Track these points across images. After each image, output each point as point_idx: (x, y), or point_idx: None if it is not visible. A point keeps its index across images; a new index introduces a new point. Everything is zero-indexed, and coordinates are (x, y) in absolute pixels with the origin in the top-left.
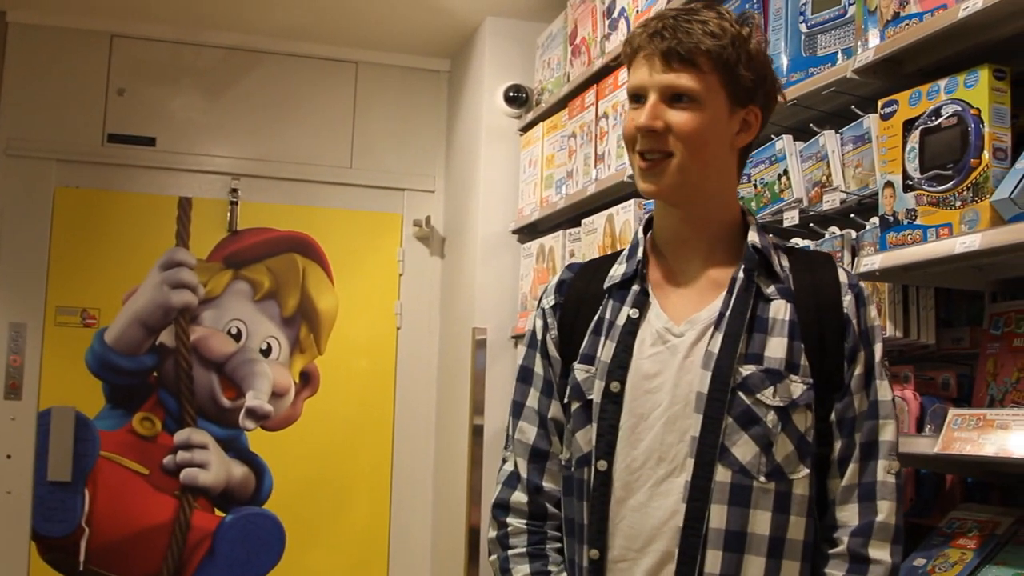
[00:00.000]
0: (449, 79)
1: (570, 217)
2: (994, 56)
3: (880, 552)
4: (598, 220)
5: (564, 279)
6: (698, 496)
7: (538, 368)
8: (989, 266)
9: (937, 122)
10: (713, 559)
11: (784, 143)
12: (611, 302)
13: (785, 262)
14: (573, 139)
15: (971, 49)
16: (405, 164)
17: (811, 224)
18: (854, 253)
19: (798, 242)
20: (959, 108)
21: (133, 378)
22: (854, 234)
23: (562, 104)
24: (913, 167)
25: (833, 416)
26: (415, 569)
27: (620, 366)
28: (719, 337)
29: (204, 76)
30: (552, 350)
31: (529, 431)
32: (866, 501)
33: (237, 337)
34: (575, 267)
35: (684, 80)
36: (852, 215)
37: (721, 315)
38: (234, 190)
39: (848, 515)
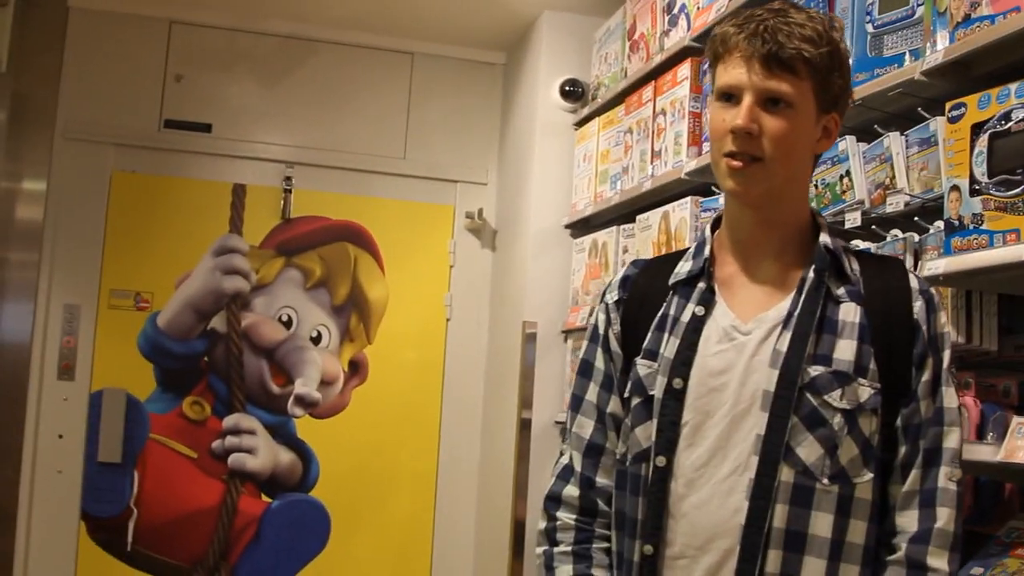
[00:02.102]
0: (504, 72)
1: (624, 213)
2: None
3: (938, 560)
4: (653, 217)
5: (628, 275)
6: (761, 495)
7: (598, 363)
8: None
9: (1007, 126)
10: (774, 558)
11: (847, 144)
12: (676, 298)
13: (856, 265)
14: (629, 135)
15: None
16: (458, 156)
17: (873, 226)
18: (916, 257)
19: (859, 244)
20: None
21: (184, 362)
22: (917, 237)
23: (619, 99)
24: (981, 171)
25: (899, 422)
26: (458, 560)
27: (684, 363)
28: (787, 336)
29: (261, 64)
30: (614, 345)
31: (586, 425)
32: (926, 507)
33: (288, 324)
34: (640, 263)
35: (783, 86)
36: (915, 218)
37: (790, 314)
38: (288, 178)
39: (907, 521)
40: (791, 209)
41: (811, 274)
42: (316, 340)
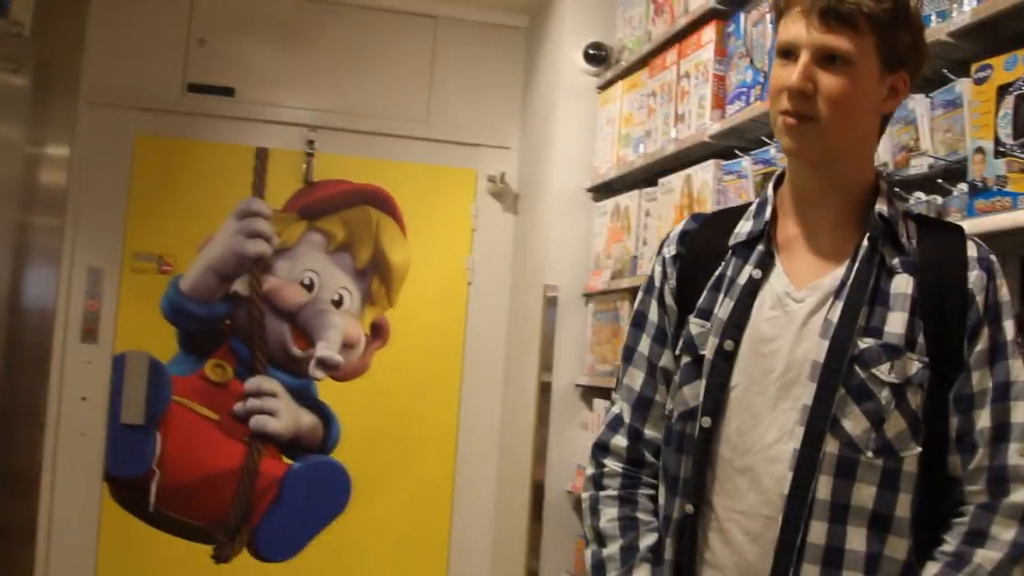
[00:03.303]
0: (528, 35)
1: (646, 176)
2: None
3: (1004, 531)
4: (675, 180)
5: (688, 229)
6: (807, 465)
7: (652, 315)
8: None
9: None
10: (817, 529)
11: None
12: (734, 259)
13: (913, 232)
14: (653, 98)
15: None
16: (481, 120)
17: (896, 188)
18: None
19: None
20: None
21: (206, 325)
22: (940, 200)
23: (643, 63)
24: (1006, 133)
25: (952, 393)
26: (478, 522)
27: (736, 325)
28: (839, 306)
29: (283, 27)
30: (668, 299)
31: (637, 377)
32: (997, 483)
33: (309, 288)
34: (700, 217)
35: (840, 42)
36: (939, 180)
37: (843, 284)
38: (310, 141)
39: (975, 496)
40: (853, 171)
41: (865, 242)
42: (338, 303)
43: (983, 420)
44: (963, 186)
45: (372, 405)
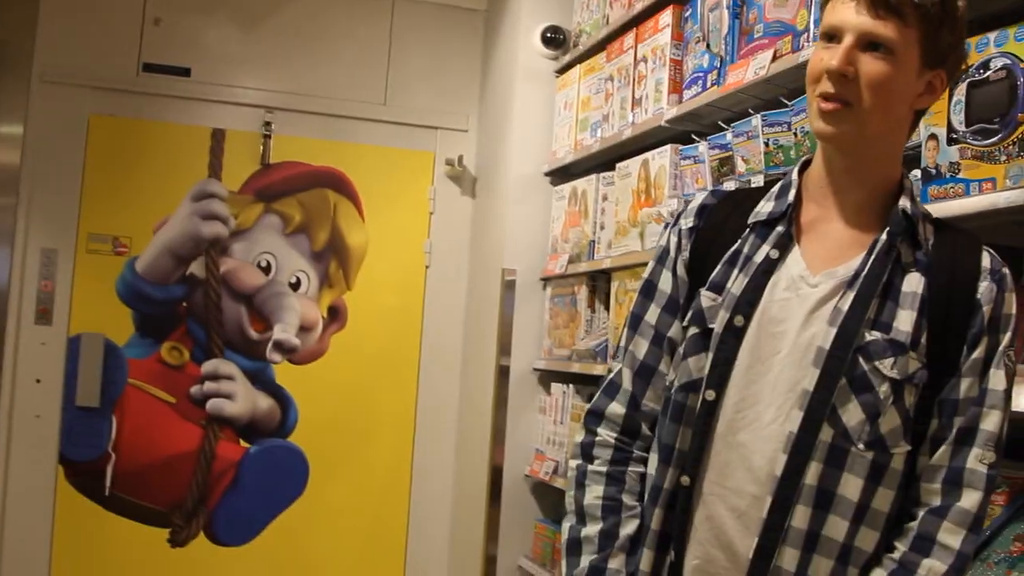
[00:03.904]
0: (486, 18)
1: (604, 161)
2: None
3: (951, 537)
4: (633, 164)
5: (707, 204)
6: (801, 450)
7: (663, 284)
8: None
9: (985, 75)
10: (802, 514)
11: None
12: (752, 237)
13: (931, 234)
14: (610, 82)
15: (1023, 2)
16: (439, 102)
17: None
18: None
19: None
20: (1008, 61)
21: (162, 307)
22: None
23: (600, 47)
24: (958, 120)
25: (939, 397)
26: (436, 506)
27: (748, 302)
28: (850, 296)
29: (240, 7)
30: (681, 270)
31: (642, 345)
32: (951, 484)
33: (267, 270)
34: (719, 193)
35: (887, 29)
36: None
37: (857, 274)
38: (267, 123)
39: (929, 495)
40: (882, 164)
41: (884, 236)
42: (295, 286)
43: (955, 422)
44: (917, 172)
45: (330, 389)
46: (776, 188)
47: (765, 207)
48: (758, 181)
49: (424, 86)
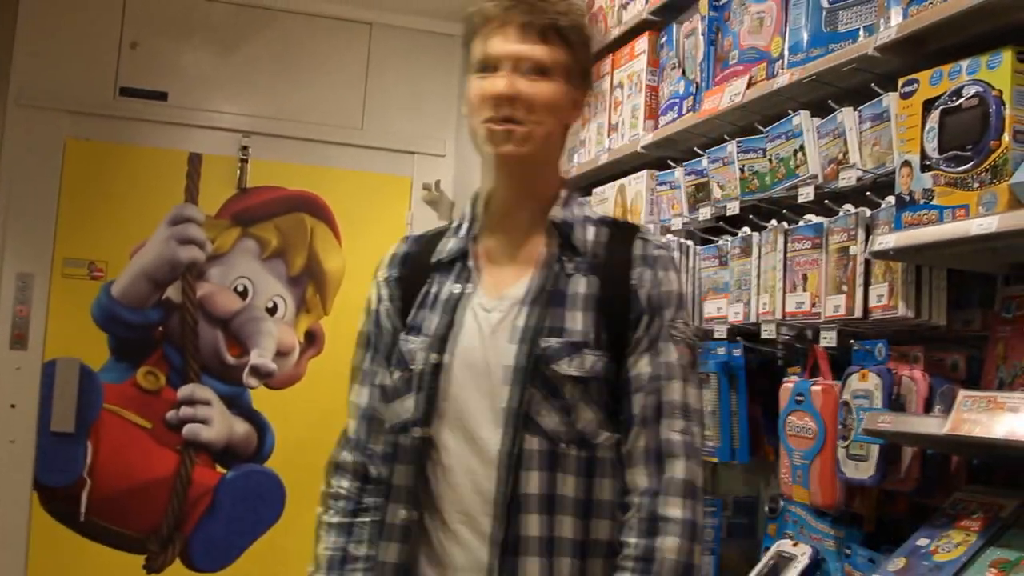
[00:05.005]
0: (463, 43)
1: (581, 186)
2: (1018, 38)
3: (672, 509)
4: (609, 190)
5: (399, 251)
6: (509, 463)
7: (371, 335)
8: (1004, 249)
9: (958, 102)
10: (528, 522)
11: (801, 119)
12: (438, 276)
13: (592, 236)
14: (587, 108)
15: (995, 30)
16: (416, 127)
17: (826, 200)
18: (868, 231)
19: (811, 218)
20: (981, 89)
21: (138, 332)
22: (868, 212)
23: None
24: (932, 147)
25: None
26: None
27: (442, 338)
28: (524, 312)
29: (217, 32)
30: (384, 320)
31: (363, 393)
32: (655, 461)
33: (243, 295)
34: (410, 239)
35: (540, 53)
36: (867, 193)
37: (528, 291)
38: (244, 147)
39: (639, 477)
40: (544, 179)
41: (543, 248)
42: (272, 311)
43: (638, 402)
44: (891, 199)
45: (307, 414)
46: (454, 224)
47: (446, 245)
48: (734, 207)
49: (401, 111)
